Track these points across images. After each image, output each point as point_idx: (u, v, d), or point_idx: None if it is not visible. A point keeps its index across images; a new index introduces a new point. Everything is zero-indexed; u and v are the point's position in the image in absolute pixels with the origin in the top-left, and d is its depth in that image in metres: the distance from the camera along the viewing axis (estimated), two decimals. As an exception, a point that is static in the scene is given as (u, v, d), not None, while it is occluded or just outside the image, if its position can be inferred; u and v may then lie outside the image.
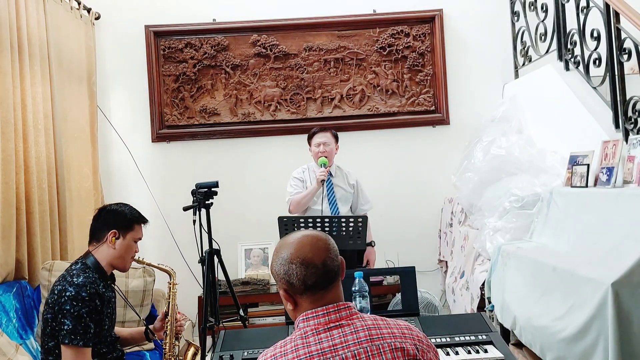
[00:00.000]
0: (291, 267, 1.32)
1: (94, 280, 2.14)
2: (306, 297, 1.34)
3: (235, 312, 3.17)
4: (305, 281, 1.32)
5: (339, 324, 1.30)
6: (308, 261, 1.32)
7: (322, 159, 3.41)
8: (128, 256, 2.28)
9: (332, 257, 1.35)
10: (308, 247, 1.34)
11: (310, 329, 1.30)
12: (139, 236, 2.30)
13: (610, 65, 2.91)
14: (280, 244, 1.40)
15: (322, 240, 1.36)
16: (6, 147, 2.92)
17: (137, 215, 2.30)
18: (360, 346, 1.27)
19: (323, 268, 1.33)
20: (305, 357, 1.25)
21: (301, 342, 1.29)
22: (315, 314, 1.32)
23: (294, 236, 1.39)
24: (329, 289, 1.34)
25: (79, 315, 2.03)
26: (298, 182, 3.53)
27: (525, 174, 3.34)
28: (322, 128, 3.59)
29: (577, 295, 2.21)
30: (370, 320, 1.33)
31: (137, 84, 4.38)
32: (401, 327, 1.34)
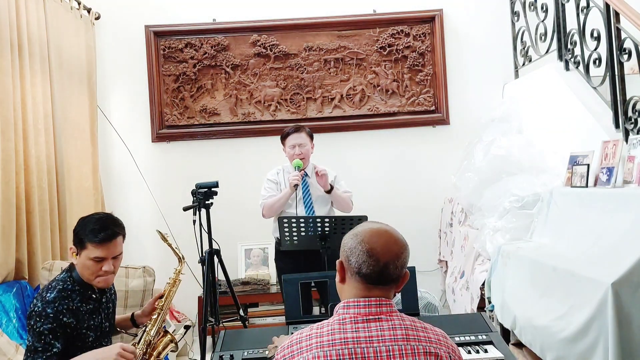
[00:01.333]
0: (358, 247, 1.34)
1: (67, 295, 2.06)
2: (354, 281, 1.35)
3: (235, 312, 3.17)
4: (360, 267, 1.34)
5: (378, 318, 1.32)
6: (373, 253, 1.33)
7: (297, 162, 3.22)
8: (88, 275, 2.08)
9: (397, 264, 1.35)
10: (383, 243, 1.35)
11: (349, 316, 1.32)
12: (94, 255, 2.04)
13: (610, 65, 2.91)
14: (366, 224, 1.41)
15: (398, 245, 1.37)
16: (6, 147, 2.92)
17: (89, 234, 2.04)
18: (395, 343, 1.28)
19: (383, 267, 1.34)
20: (340, 341, 1.27)
21: (338, 327, 1.30)
22: (356, 304, 1.33)
23: (380, 226, 1.40)
24: (378, 287, 1.35)
25: (40, 332, 1.95)
26: (272, 184, 3.37)
27: (525, 174, 3.34)
28: (296, 128, 3.35)
29: (577, 295, 2.21)
30: (409, 320, 1.35)
31: (137, 84, 4.38)
32: (437, 334, 1.35)
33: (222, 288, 3.61)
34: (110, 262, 2.09)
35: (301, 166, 3.24)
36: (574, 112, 3.27)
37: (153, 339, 2.32)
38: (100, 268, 2.08)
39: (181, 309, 4.02)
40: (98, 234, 2.04)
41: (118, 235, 2.12)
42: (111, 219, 2.14)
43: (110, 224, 2.10)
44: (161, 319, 2.35)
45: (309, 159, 3.36)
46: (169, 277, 2.48)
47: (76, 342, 2.08)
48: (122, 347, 2.02)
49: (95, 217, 2.12)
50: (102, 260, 2.07)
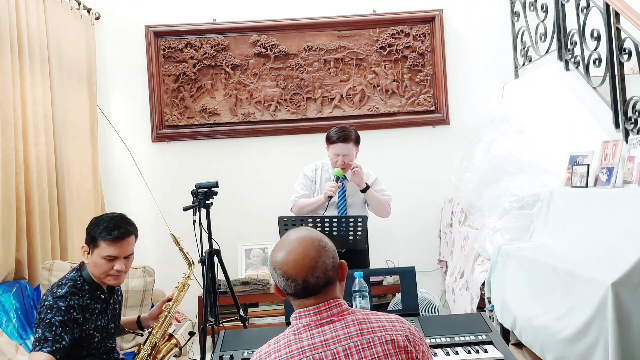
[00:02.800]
0: (275, 273, 1.38)
1: (77, 292, 2.08)
2: (290, 299, 1.40)
3: (235, 312, 3.17)
4: (286, 289, 1.37)
5: (330, 320, 1.33)
6: (288, 275, 1.34)
7: (338, 170, 3.12)
8: (99, 274, 2.12)
9: (315, 274, 1.33)
10: (292, 263, 1.34)
11: (302, 325, 1.34)
12: (106, 254, 2.08)
13: (610, 65, 2.91)
14: (278, 244, 1.41)
15: (308, 257, 1.34)
16: (6, 147, 2.92)
17: (103, 232, 2.08)
18: (351, 340, 1.29)
19: (302, 284, 1.34)
20: (298, 351, 1.28)
21: (294, 337, 1.32)
22: (307, 312, 1.35)
23: (289, 239, 1.39)
24: (310, 297, 1.35)
25: (50, 322, 1.97)
26: (308, 181, 3.28)
27: (525, 174, 3.34)
28: (344, 137, 3.13)
29: (577, 295, 2.21)
30: (361, 314, 1.35)
31: (137, 84, 4.38)
32: (392, 320, 1.36)
33: (222, 288, 3.61)
34: (122, 261, 2.12)
35: (341, 176, 3.15)
36: (574, 112, 3.27)
37: (158, 341, 2.33)
38: (111, 267, 2.11)
39: (181, 308, 4.00)
40: (111, 232, 2.08)
41: (131, 235, 2.16)
42: (124, 218, 2.19)
43: (124, 223, 2.15)
44: (167, 323, 2.36)
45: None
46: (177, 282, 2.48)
47: (82, 342, 2.09)
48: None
49: (108, 216, 2.16)
50: (114, 259, 2.10)
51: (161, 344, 2.36)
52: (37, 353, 1.94)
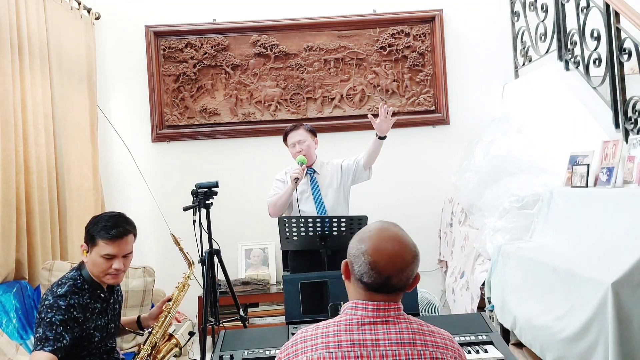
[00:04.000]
0: (361, 258, 1.32)
1: (77, 291, 2.08)
2: (357, 286, 1.34)
3: (235, 312, 3.17)
4: (362, 276, 1.32)
5: (385, 321, 1.31)
6: (375, 266, 1.31)
7: (300, 157, 3.21)
8: (98, 272, 2.11)
9: (401, 277, 1.33)
10: (387, 257, 1.32)
11: (356, 318, 1.31)
12: (105, 252, 2.07)
13: (610, 65, 2.91)
14: (375, 227, 1.37)
15: (403, 259, 1.33)
16: (6, 147, 2.92)
17: (101, 231, 2.07)
18: (402, 347, 1.28)
19: (386, 280, 1.31)
20: (346, 343, 1.27)
21: (345, 328, 1.30)
22: (364, 306, 1.32)
23: (388, 233, 1.36)
24: (380, 294, 1.33)
25: (51, 322, 1.97)
26: (279, 184, 3.35)
27: (525, 174, 3.34)
28: (294, 125, 3.35)
29: (577, 295, 2.21)
30: (417, 324, 1.34)
31: (137, 84, 4.38)
32: (444, 338, 1.34)
33: (222, 288, 3.60)
34: (120, 260, 2.12)
35: (304, 162, 3.22)
36: (574, 112, 3.27)
37: (158, 341, 2.33)
38: (110, 266, 2.10)
39: (181, 308, 3.99)
40: (110, 230, 2.08)
41: (129, 233, 2.15)
42: (123, 217, 2.18)
43: (122, 222, 2.14)
44: (167, 323, 2.36)
45: (313, 154, 3.34)
46: (177, 282, 2.48)
47: (82, 342, 2.09)
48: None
49: (107, 215, 2.16)
50: (112, 258, 2.10)
51: (161, 344, 2.36)
52: (39, 352, 1.94)
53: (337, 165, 3.39)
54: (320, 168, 3.36)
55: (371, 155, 3.31)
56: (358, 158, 3.37)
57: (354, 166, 3.36)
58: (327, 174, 3.36)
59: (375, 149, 3.29)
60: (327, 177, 3.35)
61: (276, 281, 4.22)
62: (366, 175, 3.39)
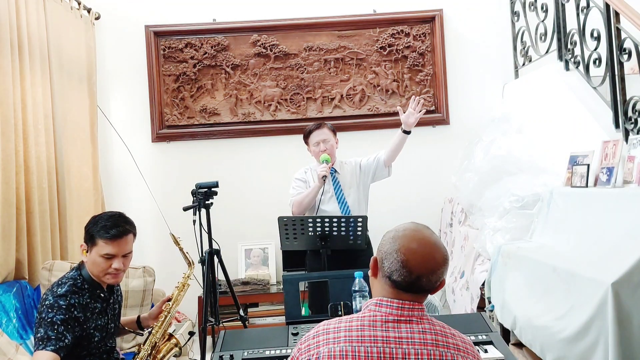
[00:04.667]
0: (394, 255, 1.33)
1: (77, 291, 2.09)
2: (384, 283, 1.35)
3: (235, 312, 3.17)
4: (392, 273, 1.33)
5: (409, 320, 1.32)
6: (407, 264, 1.32)
7: (325, 156, 3.20)
8: (98, 272, 2.12)
9: (431, 278, 1.34)
10: (420, 257, 1.33)
11: (380, 314, 1.32)
12: (104, 252, 2.08)
13: (610, 65, 2.91)
14: (409, 227, 1.38)
15: (435, 262, 1.34)
16: (6, 147, 2.92)
17: (101, 230, 2.08)
18: (424, 347, 1.28)
19: (415, 280, 1.32)
20: (370, 339, 1.27)
21: (368, 323, 1.30)
22: (389, 303, 1.33)
23: (422, 234, 1.37)
24: (408, 294, 1.34)
25: (52, 321, 1.98)
26: (300, 183, 3.33)
27: (525, 174, 3.34)
28: (318, 125, 3.32)
29: (577, 295, 2.21)
30: (439, 326, 1.34)
31: (137, 84, 4.38)
32: (465, 342, 1.34)
33: (222, 288, 3.61)
34: (120, 260, 2.12)
35: (329, 160, 3.21)
36: (574, 112, 3.27)
37: (158, 341, 2.33)
38: (110, 265, 2.11)
39: (181, 308, 4.00)
40: (109, 230, 2.08)
41: (129, 233, 2.16)
42: (123, 217, 2.19)
43: (122, 222, 2.15)
44: (167, 323, 2.36)
45: (335, 154, 3.33)
46: (177, 282, 2.48)
47: (82, 342, 2.09)
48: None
49: (107, 215, 2.16)
50: (112, 258, 2.10)
51: (161, 344, 2.36)
52: (41, 352, 1.94)
53: (355, 164, 3.38)
54: (340, 168, 3.36)
55: (394, 151, 3.31)
56: (379, 155, 3.37)
57: (375, 164, 3.36)
58: (347, 173, 3.36)
59: (399, 144, 3.29)
60: (347, 176, 3.34)
61: (276, 281, 4.22)
62: (386, 172, 3.39)
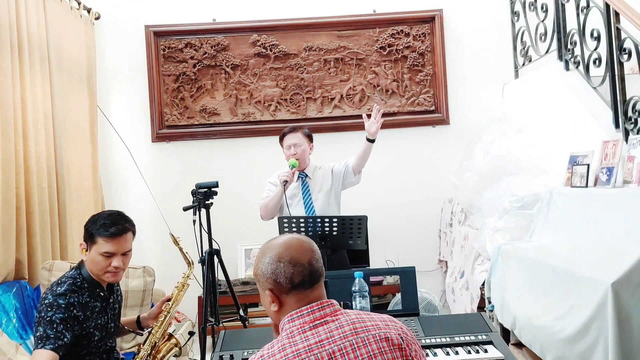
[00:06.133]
0: (279, 265, 1.35)
1: (77, 290, 2.09)
2: (292, 296, 1.36)
3: (235, 312, 3.17)
4: (292, 279, 1.34)
5: (324, 321, 1.33)
6: (295, 260, 1.35)
7: (292, 161, 3.20)
8: (97, 270, 2.12)
9: (316, 257, 1.38)
10: (295, 248, 1.37)
11: (296, 328, 1.32)
12: (104, 250, 2.09)
13: (610, 65, 2.91)
14: (265, 246, 1.42)
15: (306, 242, 1.40)
16: (6, 147, 2.92)
17: (100, 229, 2.09)
18: (346, 340, 1.29)
19: (309, 267, 1.35)
20: (293, 354, 1.27)
21: (288, 341, 1.30)
22: (300, 314, 1.34)
23: (279, 239, 1.42)
24: (313, 288, 1.36)
25: (51, 320, 1.98)
26: (272, 186, 3.36)
27: (525, 174, 3.34)
28: (293, 128, 3.34)
29: (577, 295, 2.21)
30: (354, 314, 1.36)
31: (137, 84, 4.38)
32: (384, 320, 1.37)
33: (222, 288, 3.60)
34: (119, 258, 2.13)
35: (296, 165, 3.21)
36: (574, 112, 3.27)
37: (158, 341, 2.33)
38: (109, 264, 2.11)
39: (181, 308, 4.01)
40: (109, 228, 2.09)
41: (128, 231, 2.17)
42: (122, 215, 2.20)
43: (121, 220, 2.16)
44: (167, 322, 2.36)
45: (307, 159, 3.33)
46: (176, 281, 2.48)
47: (82, 341, 2.09)
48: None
49: (106, 213, 2.17)
50: (111, 256, 2.11)
51: (161, 344, 2.36)
52: (40, 350, 1.94)
53: (328, 169, 3.38)
54: (312, 172, 3.35)
55: (360, 159, 3.30)
56: (348, 162, 3.36)
57: (344, 170, 3.35)
58: (319, 178, 3.35)
59: (365, 153, 3.28)
60: (318, 181, 3.34)
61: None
62: (355, 179, 3.37)
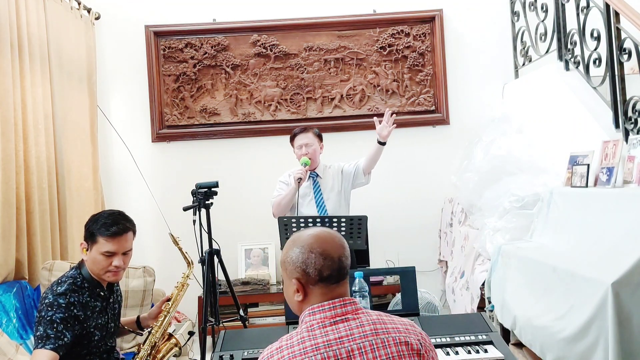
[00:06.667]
0: (310, 255, 1.35)
1: (77, 289, 2.10)
2: (318, 288, 1.36)
3: (235, 312, 3.17)
4: (321, 272, 1.34)
5: (345, 318, 1.33)
6: (327, 253, 1.35)
7: (304, 159, 3.27)
8: (98, 270, 2.13)
9: (346, 255, 1.39)
10: (327, 242, 1.37)
11: (316, 322, 1.32)
12: (105, 249, 2.09)
13: (610, 65, 2.91)
14: (296, 235, 1.42)
15: (338, 238, 1.41)
16: (6, 147, 2.92)
17: (101, 228, 2.10)
18: (365, 339, 1.29)
19: (339, 263, 1.36)
20: (312, 348, 1.27)
21: (307, 334, 1.30)
22: (321, 308, 1.34)
23: (312, 230, 1.42)
24: (339, 284, 1.37)
25: (51, 320, 1.98)
26: (283, 185, 3.40)
27: (525, 174, 3.34)
28: (303, 128, 3.40)
29: (577, 295, 2.21)
30: (375, 315, 1.36)
31: (137, 84, 4.38)
32: (405, 324, 1.37)
33: (222, 288, 3.60)
34: (120, 257, 2.14)
35: (308, 164, 3.27)
36: (574, 112, 3.27)
37: (158, 341, 2.33)
38: (110, 263, 2.12)
39: (181, 308, 4.01)
40: (110, 227, 2.10)
41: (129, 230, 2.18)
42: (123, 214, 2.21)
43: (122, 219, 2.17)
44: (167, 322, 2.36)
45: (318, 158, 3.40)
46: (176, 281, 2.48)
47: (82, 340, 2.09)
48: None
49: (107, 213, 2.18)
50: (112, 255, 2.12)
51: (161, 344, 2.36)
52: (40, 350, 1.94)
53: (338, 169, 3.44)
54: (323, 172, 3.42)
55: (371, 160, 3.38)
56: (358, 163, 3.43)
57: (354, 170, 3.43)
58: (329, 177, 3.42)
59: (375, 155, 3.36)
60: (329, 181, 3.41)
61: (276, 281, 4.22)
62: (365, 180, 3.46)
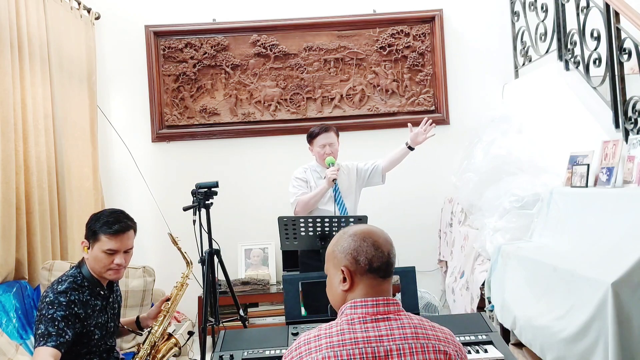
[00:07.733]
0: (363, 244, 1.35)
1: (77, 288, 2.11)
2: (366, 279, 1.35)
3: (235, 312, 3.17)
4: (372, 262, 1.34)
5: (387, 317, 1.32)
6: (378, 245, 1.36)
7: (330, 159, 3.26)
8: (99, 268, 2.14)
9: (394, 253, 1.39)
10: (378, 236, 1.38)
11: (357, 316, 1.32)
12: (107, 247, 2.11)
13: (610, 65, 2.91)
14: (346, 229, 1.42)
15: (387, 235, 1.41)
16: (6, 147, 2.92)
17: (103, 226, 2.11)
18: (405, 341, 1.29)
19: (388, 257, 1.37)
20: (350, 341, 1.27)
21: (347, 327, 1.30)
22: (364, 303, 1.33)
23: (363, 225, 1.43)
24: (386, 280, 1.37)
25: (52, 318, 1.99)
26: (301, 182, 3.36)
27: (525, 174, 3.34)
28: (325, 128, 3.38)
29: (577, 295, 2.21)
30: (417, 319, 1.35)
31: (137, 84, 4.38)
32: (445, 333, 1.36)
33: (222, 288, 3.60)
34: (122, 255, 2.15)
35: (335, 163, 3.28)
36: (574, 112, 3.27)
37: (158, 341, 2.33)
38: (112, 261, 2.13)
39: (181, 308, 4.01)
40: (112, 225, 2.12)
41: (130, 229, 2.19)
42: (124, 213, 2.22)
43: (123, 218, 2.19)
44: (166, 322, 2.36)
45: (337, 157, 3.41)
46: (175, 281, 2.49)
47: (82, 339, 2.10)
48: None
49: (108, 211, 2.20)
50: (114, 253, 2.13)
51: (160, 344, 2.36)
52: (42, 348, 1.95)
53: (352, 168, 3.46)
54: (340, 171, 3.41)
55: (393, 162, 3.45)
56: (377, 163, 3.47)
57: (372, 169, 3.46)
58: (345, 177, 3.42)
59: (400, 158, 3.44)
60: (345, 180, 3.41)
61: (276, 281, 4.22)
62: (381, 180, 3.50)
